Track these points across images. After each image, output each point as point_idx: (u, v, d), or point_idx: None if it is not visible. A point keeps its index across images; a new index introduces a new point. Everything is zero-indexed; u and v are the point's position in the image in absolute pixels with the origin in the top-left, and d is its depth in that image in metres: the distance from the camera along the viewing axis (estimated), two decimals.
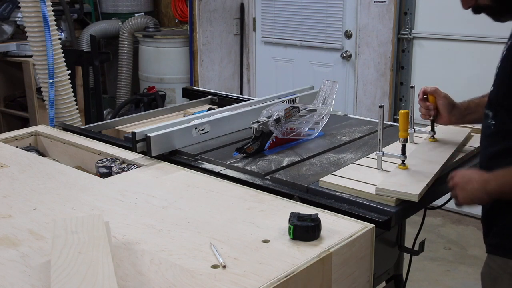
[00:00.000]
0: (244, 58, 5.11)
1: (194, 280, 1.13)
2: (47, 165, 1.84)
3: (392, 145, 1.85)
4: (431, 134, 1.87)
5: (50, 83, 2.34)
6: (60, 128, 2.28)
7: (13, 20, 4.62)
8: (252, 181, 1.66)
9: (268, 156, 1.85)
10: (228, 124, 2.09)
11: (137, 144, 1.84)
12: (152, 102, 4.86)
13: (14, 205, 1.51)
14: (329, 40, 4.47)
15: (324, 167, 1.75)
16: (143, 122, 2.41)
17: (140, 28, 5.33)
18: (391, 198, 1.48)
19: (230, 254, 1.23)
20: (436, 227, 3.83)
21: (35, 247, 1.28)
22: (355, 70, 4.35)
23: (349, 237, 1.31)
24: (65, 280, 1.04)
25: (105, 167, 1.83)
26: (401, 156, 1.64)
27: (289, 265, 1.19)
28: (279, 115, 1.88)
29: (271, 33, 4.85)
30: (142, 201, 1.53)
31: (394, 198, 1.48)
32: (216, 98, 2.70)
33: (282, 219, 1.37)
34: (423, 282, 3.15)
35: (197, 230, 1.35)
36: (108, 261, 1.10)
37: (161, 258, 1.22)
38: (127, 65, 5.42)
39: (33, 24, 2.27)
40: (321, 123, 2.06)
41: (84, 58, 3.49)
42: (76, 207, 1.51)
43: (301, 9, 4.59)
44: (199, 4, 4.79)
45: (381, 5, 4.06)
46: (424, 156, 1.74)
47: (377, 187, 1.51)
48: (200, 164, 1.82)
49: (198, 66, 4.89)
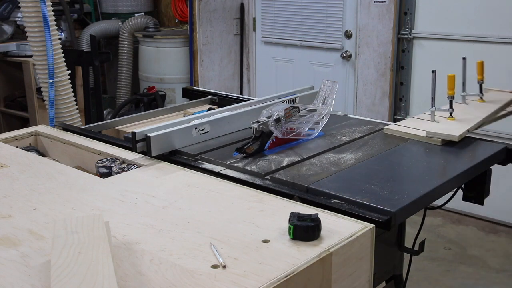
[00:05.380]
0: (244, 58, 5.11)
1: (194, 280, 1.13)
2: (47, 165, 1.84)
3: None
4: (480, 96, 2.27)
5: (50, 83, 2.34)
6: (60, 128, 2.28)
7: (13, 20, 4.63)
8: (252, 181, 1.66)
9: (268, 156, 1.85)
10: (228, 124, 2.09)
11: (137, 144, 1.84)
12: (152, 102, 4.87)
13: (14, 205, 1.51)
14: (329, 40, 4.47)
15: (324, 167, 1.75)
16: (143, 122, 2.41)
17: (140, 28, 5.33)
18: (437, 139, 1.92)
19: (230, 254, 1.23)
20: (436, 227, 3.84)
21: (35, 247, 1.28)
22: (355, 70, 4.35)
23: (349, 237, 1.31)
24: (65, 280, 1.04)
25: (105, 167, 1.83)
26: (449, 110, 2.09)
27: (289, 265, 1.19)
28: (279, 115, 1.88)
29: (271, 33, 4.85)
30: (142, 201, 1.53)
31: (440, 139, 1.91)
32: (216, 98, 2.70)
33: (282, 219, 1.37)
34: (423, 282, 3.15)
35: (197, 230, 1.35)
36: (108, 261, 1.10)
37: (161, 258, 1.22)
38: (127, 65, 5.42)
39: (33, 24, 2.27)
40: (321, 123, 2.06)
41: (84, 58, 3.49)
42: (76, 207, 1.51)
43: (301, 9, 4.59)
44: (199, 4, 4.79)
45: (381, 5, 4.06)
46: (470, 111, 2.15)
47: (427, 131, 1.95)
48: (200, 164, 1.82)
49: (198, 66, 4.90)
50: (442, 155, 1.88)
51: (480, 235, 3.75)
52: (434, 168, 1.75)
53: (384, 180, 1.65)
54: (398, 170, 1.77)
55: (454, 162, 1.82)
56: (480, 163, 1.85)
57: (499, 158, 1.95)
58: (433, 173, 1.70)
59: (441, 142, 1.91)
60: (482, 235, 3.73)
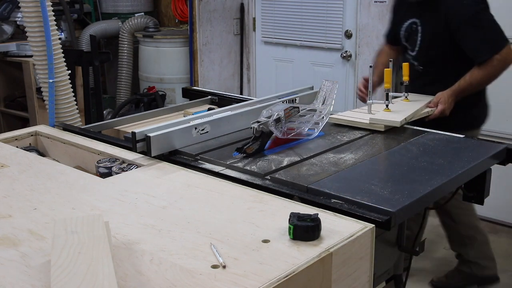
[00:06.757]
0: (244, 58, 5.11)
1: (194, 280, 1.13)
2: (47, 165, 1.84)
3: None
4: (405, 96, 2.52)
5: (50, 83, 2.34)
6: (60, 128, 2.28)
7: (13, 20, 4.62)
8: (252, 181, 1.66)
9: (268, 156, 1.85)
10: (228, 124, 2.09)
11: (137, 144, 1.84)
12: (152, 102, 4.87)
13: (14, 205, 1.51)
14: (329, 40, 4.47)
15: (324, 167, 1.75)
16: (143, 122, 2.41)
17: (140, 28, 5.33)
18: (380, 125, 2.12)
19: (230, 254, 1.23)
20: (436, 227, 3.83)
21: (35, 247, 1.28)
22: (355, 70, 4.35)
23: (349, 237, 1.31)
24: (65, 280, 1.04)
25: (105, 167, 1.83)
26: (385, 102, 2.28)
27: (289, 265, 1.19)
28: (279, 115, 1.88)
29: (271, 33, 4.85)
30: (142, 201, 1.53)
31: (382, 125, 2.12)
32: (216, 98, 2.70)
33: (282, 219, 1.37)
34: (423, 282, 3.15)
35: (197, 230, 1.35)
36: (108, 261, 1.10)
37: (161, 258, 1.22)
38: (127, 65, 5.42)
39: (33, 24, 2.27)
40: (321, 123, 2.06)
41: (84, 58, 3.49)
42: (76, 207, 1.51)
43: (301, 9, 4.59)
44: (199, 4, 4.79)
45: (381, 5, 4.06)
46: (401, 106, 2.37)
47: (370, 118, 2.15)
48: (200, 164, 1.82)
49: (198, 66, 4.90)
50: (442, 155, 1.88)
51: None
52: (434, 168, 1.74)
53: (384, 180, 1.65)
54: (398, 170, 1.77)
55: (454, 162, 1.82)
56: (480, 163, 1.85)
57: (499, 158, 1.95)
58: (433, 173, 1.70)
59: (384, 128, 2.11)
60: None
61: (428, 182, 1.63)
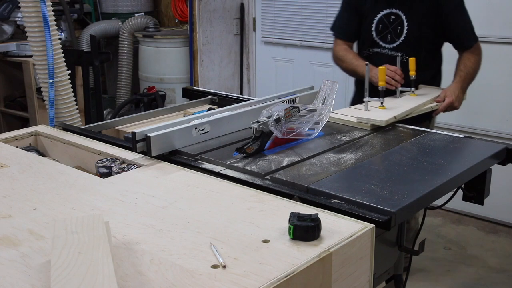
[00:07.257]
0: (244, 58, 5.11)
1: (194, 280, 1.13)
2: (47, 165, 1.84)
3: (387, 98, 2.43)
4: (412, 90, 2.55)
5: (50, 83, 2.34)
6: (60, 128, 2.28)
7: (13, 20, 4.62)
8: (252, 181, 1.66)
9: (268, 156, 1.85)
10: (228, 124, 2.09)
11: (137, 144, 1.84)
12: (152, 102, 4.87)
13: (14, 205, 1.51)
14: (329, 40, 4.45)
15: (324, 167, 1.75)
16: (143, 122, 2.40)
17: (140, 28, 5.33)
18: (367, 124, 2.13)
19: (230, 254, 1.23)
20: (436, 227, 3.83)
21: (35, 247, 1.28)
22: None
23: (349, 237, 1.31)
24: (65, 280, 1.04)
25: (105, 167, 1.83)
26: (380, 99, 2.32)
27: (289, 265, 1.19)
28: (279, 115, 1.88)
29: (271, 33, 4.85)
30: (142, 201, 1.53)
31: (369, 124, 2.13)
32: (216, 98, 2.70)
33: (282, 219, 1.37)
34: (423, 282, 3.15)
35: (197, 230, 1.35)
36: (108, 261, 1.10)
37: (161, 258, 1.22)
38: (127, 65, 5.42)
39: (33, 24, 2.27)
40: (321, 123, 2.06)
41: (84, 58, 3.49)
42: (76, 207, 1.51)
43: (301, 9, 4.59)
44: (199, 4, 4.79)
45: None
46: (401, 103, 2.39)
47: (357, 117, 2.17)
48: (200, 164, 1.82)
49: (198, 66, 4.90)
50: (442, 155, 1.88)
51: (480, 235, 3.75)
52: (434, 168, 1.75)
53: (384, 180, 1.65)
54: (398, 170, 1.77)
55: (454, 162, 1.82)
56: (480, 163, 1.85)
57: (499, 158, 1.95)
58: (433, 173, 1.70)
59: (370, 127, 2.13)
60: (482, 235, 3.72)
61: (428, 182, 1.63)
